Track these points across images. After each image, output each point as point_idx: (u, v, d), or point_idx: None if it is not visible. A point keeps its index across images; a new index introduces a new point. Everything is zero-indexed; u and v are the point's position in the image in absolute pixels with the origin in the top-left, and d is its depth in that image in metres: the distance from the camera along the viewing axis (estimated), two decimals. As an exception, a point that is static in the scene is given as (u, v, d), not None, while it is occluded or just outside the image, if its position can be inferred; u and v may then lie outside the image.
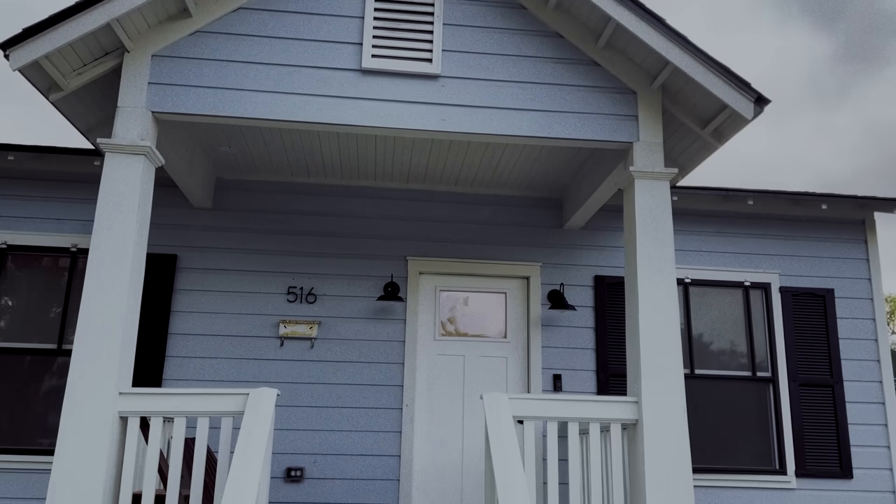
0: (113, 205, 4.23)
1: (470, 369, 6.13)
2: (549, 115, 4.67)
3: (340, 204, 6.33)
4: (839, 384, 6.39)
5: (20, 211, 6.03)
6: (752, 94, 4.36)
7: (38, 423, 5.75)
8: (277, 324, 6.01)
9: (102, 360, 3.99)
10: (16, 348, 5.85)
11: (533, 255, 6.39)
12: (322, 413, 5.90)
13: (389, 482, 5.81)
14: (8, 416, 5.71)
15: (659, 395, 4.24)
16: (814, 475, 6.19)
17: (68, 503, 3.78)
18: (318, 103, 4.54)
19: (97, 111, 4.85)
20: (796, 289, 6.57)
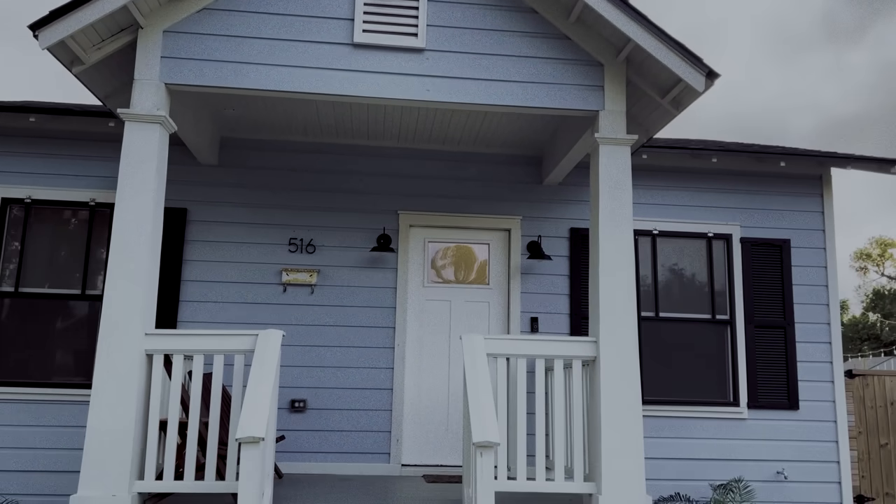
0: (134, 168, 4.77)
1: (455, 313, 6.77)
2: (524, 86, 5.17)
3: (337, 161, 6.85)
4: (791, 326, 7.04)
5: (42, 167, 6.55)
6: (703, 69, 4.86)
7: (66, 360, 6.40)
8: (280, 272, 6.61)
9: (130, 306, 4.59)
10: (43, 293, 6.46)
11: (514, 209, 6.95)
12: (322, 351, 6.56)
13: (383, 412, 6.51)
14: (39, 355, 6.36)
15: (614, 336, 4.87)
16: (764, 407, 6.90)
17: (106, 429, 4.43)
18: (315, 75, 5.03)
19: (113, 81, 5.32)
20: (755, 239, 7.16)
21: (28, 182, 6.52)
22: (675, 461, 6.67)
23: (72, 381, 6.31)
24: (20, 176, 6.52)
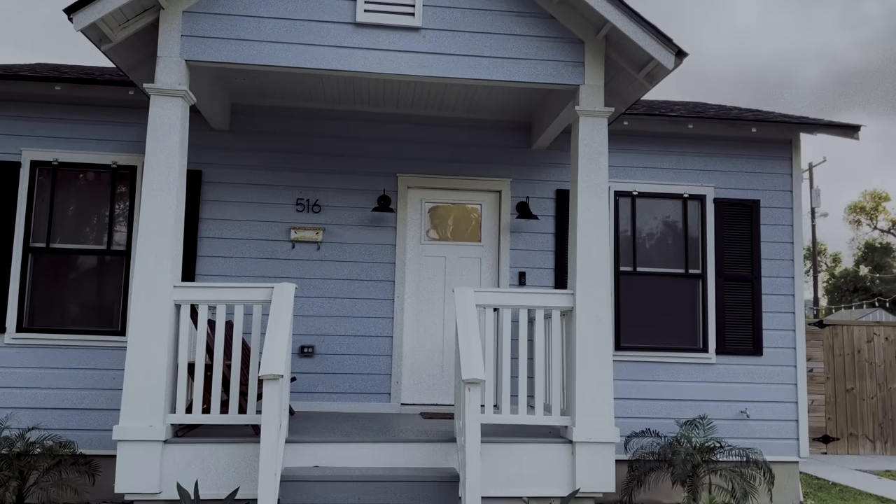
0: (160, 138, 5.30)
1: (450, 268, 7.38)
2: (513, 62, 5.67)
3: (340, 127, 7.37)
4: (758, 279, 7.67)
5: (67, 132, 7.06)
6: (673, 48, 5.36)
7: (92, 309, 7.02)
8: (288, 229, 7.19)
9: (160, 262, 5.19)
10: (72, 248, 7.04)
11: (505, 171, 7.50)
12: (328, 302, 7.19)
13: (384, 357, 7.18)
14: (68, 304, 6.99)
15: (589, 289, 5.48)
16: (731, 353, 7.57)
17: (142, 371, 5.07)
18: (320, 52, 5.53)
19: (136, 55, 5.81)
20: (728, 199, 7.73)
21: (55, 146, 7.04)
22: (648, 402, 7.37)
23: (98, 329, 6.95)
24: (48, 140, 7.04)
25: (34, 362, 6.78)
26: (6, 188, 6.93)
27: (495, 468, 5.21)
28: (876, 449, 11.04)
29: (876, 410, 11.10)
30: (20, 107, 7.03)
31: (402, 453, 5.30)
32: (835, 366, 11.11)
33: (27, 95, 7.00)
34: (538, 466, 5.30)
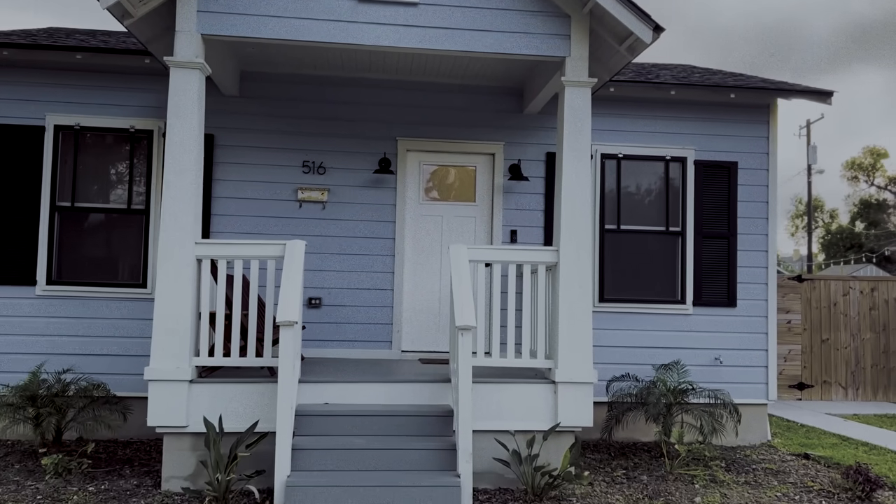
0: (180, 107, 5.79)
1: (446, 226, 7.92)
2: (504, 35, 6.11)
3: (344, 92, 7.82)
4: (734, 237, 8.22)
5: (88, 98, 7.53)
6: (650, 24, 5.81)
7: (114, 263, 7.59)
8: (296, 190, 7.71)
9: (182, 220, 5.73)
10: (94, 207, 7.58)
11: (498, 135, 7.98)
12: (333, 258, 7.75)
13: (385, 308, 7.77)
14: (92, 259, 7.54)
15: (572, 246, 6.03)
16: (707, 304, 8.17)
17: (169, 319, 5.65)
18: (325, 26, 5.97)
19: (154, 29, 6.24)
20: (708, 161, 8.23)
21: (76, 111, 7.52)
22: (629, 349, 7.99)
23: (121, 281, 7.54)
24: (69, 105, 7.51)
25: (63, 312, 7.38)
26: (32, 151, 7.43)
27: (485, 405, 5.84)
28: (848, 395, 11.74)
29: (849, 359, 11.77)
30: (43, 74, 7.48)
31: (403, 392, 5.93)
32: (812, 318, 11.74)
33: (50, 63, 7.44)
34: (524, 404, 5.93)
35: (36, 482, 5.72)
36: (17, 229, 7.37)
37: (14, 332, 7.30)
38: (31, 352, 7.24)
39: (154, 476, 5.97)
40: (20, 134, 7.41)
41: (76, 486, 5.62)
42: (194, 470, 5.65)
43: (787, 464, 7.13)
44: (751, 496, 5.93)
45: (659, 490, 5.99)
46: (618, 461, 6.99)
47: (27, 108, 7.46)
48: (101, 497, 5.41)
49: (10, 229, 7.36)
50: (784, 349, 11.57)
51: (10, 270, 7.33)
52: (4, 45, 7.18)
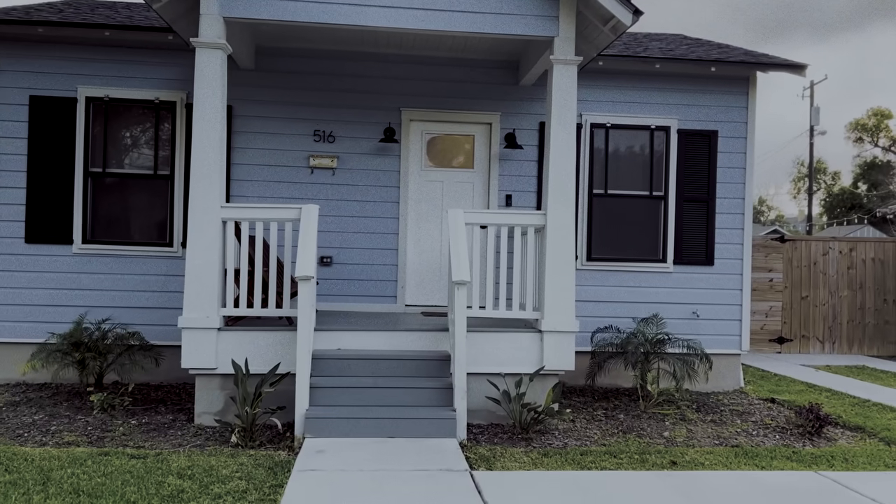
0: (205, 83, 6.43)
1: (446, 191, 8.60)
2: (498, 17, 6.70)
3: (352, 66, 8.42)
4: (713, 200, 8.87)
5: (116, 71, 8.16)
6: (630, 8, 6.39)
7: (142, 225, 8.30)
8: (307, 157, 8.38)
9: (209, 186, 6.41)
10: (124, 173, 8.27)
11: (495, 106, 8.60)
12: (342, 220, 8.44)
13: (390, 266, 8.50)
14: (122, 220, 8.27)
15: (558, 210, 6.71)
16: (687, 263, 8.87)
17: (199, 274, 6.38)
18: (337, 9, 6.55)
19: (178, 10, 6.82)
20: (690, 130, 8.84)
21: (105, 83, 8.16)
22: (613, 304, 8.72)
23: (149, 241, 8.26)
24: (99, 78, 8.14)
25: (97, 269, 8.13)
26: (66, 121, 8.09)
27: (479, 351, 6.59)
28: (825, 349, 12.50)
29: (827, 315, 12.50)
30: (74, 49, 8.10)
31: (406, 339, 6.68)
32: (793, 276, 12.44)
33: (80, 38, 8.06)
34: (513, 350, 6.68)
35: (85, 416, 6.54)
36: (54, 193, 8.07)
37: (55, 287, 8.06)
38: (71, 304, 8.01)
39: (186, 413, 6.78)
40: (55, 105, 8.07)
41: (120, 420, 6.43)
42: (223, 406, 6.44)
43: (754, 406, 7.91)
44: (713, 431, 6.71)
45: (633, 426, 6.78)
46: (599, 403, 7.77)
47: (60, 81, 8.10)
48: (143, 429, 6.22)
49: (48, 193, 8.06)
50: (765, 306, 12.32)
51: (50, 230, 8.06)
52: (39, 22, 7.79)
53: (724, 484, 5.02)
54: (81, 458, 5.19)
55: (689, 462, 5.60)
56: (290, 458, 5.30)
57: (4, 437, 5.82)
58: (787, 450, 6.05)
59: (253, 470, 5.01)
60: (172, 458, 5.28)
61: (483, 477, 4.94)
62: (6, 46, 8.04)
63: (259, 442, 5.81)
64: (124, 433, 6.05)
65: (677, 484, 4.95)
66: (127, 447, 5.61)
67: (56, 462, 5.06)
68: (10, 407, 6.85)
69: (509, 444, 5.97)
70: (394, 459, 5.24)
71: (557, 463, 5.44)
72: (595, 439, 6.29)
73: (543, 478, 5.03)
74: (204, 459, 5.26)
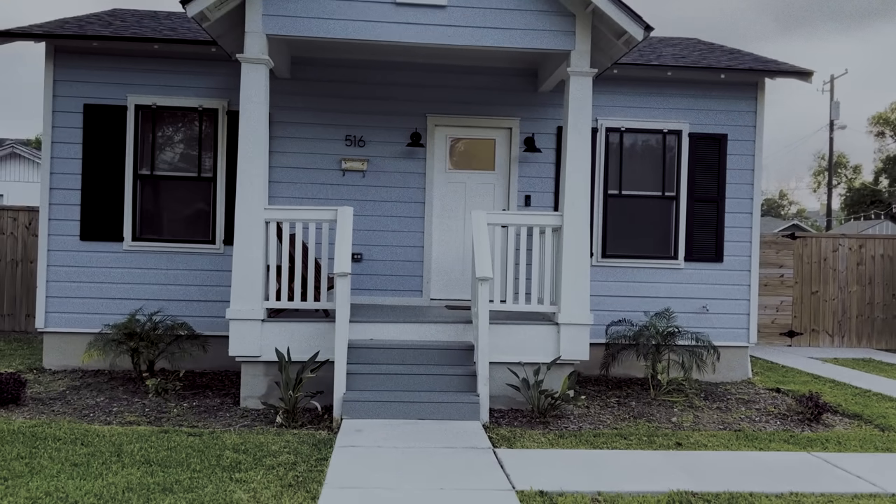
0: (250, 95, 7.02)
1: (469, 192, 9.15)
2: (519, 32, 7.22)
3: (380, 74, 8.98)
4: (722, 200, 9.34)
5: (162, 80, 8.79)
6: (642, 24, 6.89)
7: (187, 223, 8.94)
8: (339, 160, 8.96)
9: (254, 189, 7.01)
10: (170, 175, 8.91)
11: (515, 111, 9.12)
12: (371, 220, 9.02)
13: (416, 262, 9.07)
14: (169, 219, 8.91)
15: (574, 211, 7.24)
16: (697, 259, 9.35)
17: (245, 269, 6.98)
18: (369, 26, 7.11)
19: (224, 27, 7.43)
20: (700, 134, 9.31)
21: (153, 92, 8.79)
22: (627, 298, 9.22)
23: (194, 238, 8.90)
24: (147, 87, 8.78)
25: (148, 264, 8.78)
26: (117, 127, 8.74)
27: (500, 342, 7.14)
28: (834, 342, 12.91)
29: (836, 310, 12.91)
30: (125, 59, 8.74)
31: (433, 331, 7.26)
32: (803, 272, 12.85)
33: (131, 50, 8.69)
34: (532, 341, 7.23)
35: (141, 399, 7.19)
36: (106, 194, 8.73)
37: (108, 281, 8.73)
38: (122, 297, 8.68)
39: (232, 397, 7.40)
40: (107, 113, 8.72)
41: (173, 403, 7.07)
42: (266, 391, 7.06)
43: (759, 395, 8.40)
44: (719, 417, 7.22)
45: (643, 412, 7.31)
46: (613, 392, 8.30)
47: (112, 90, 8.74)
48: (195, 411, 6.85)
49: (101, 194, 8.72)
50: (776, 300, 12.75)
51: (103, 229, 8.73)
52: (94, 37, 8.43)
53: (722, 462, 5.54)
54: (146, 434, 5.82)
55: (694, 444, 6.12)
56: (331, 437, 5.90)
57: (74, 417, 6.48)
58: (786, 434, 6.55)
59: (299, 446, 5.62)
60: (225, 436, 5.90)
61: (504, 453, 5.51)
62: (62, 58, 8.70)
63: (301, 423, 6.42)
64: (178, 414, 6.68)
65: (680, 461, 5.48)
66: (182, 426, 6.24)
67: (125, 437, 5.70)
68: (74, 391, 7.52)
69: (528, 427, 6.53)
70: (423, 438, 5.82)
71: (572, 443, 5.99)
72: (608, 423, 6.82)
73: (558, 455, 5.59)
74: (254, 437, 5.87)
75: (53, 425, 6.03)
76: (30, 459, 5.07)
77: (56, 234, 8.71)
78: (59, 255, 8.72)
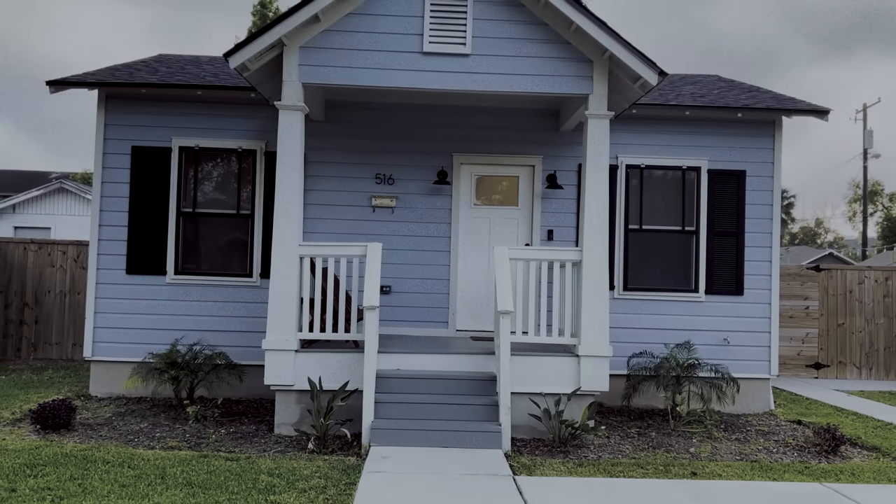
0: (287, 139, 7.50)
1: (493, 227, 9.51)
2: (538, 77, 7.62)
3: (409, 116, 9.44)
4: (742, 235, 9.56)
5: (204, 124, 9.36)
6: (656, 69, 7.24)
7: (227, 258, 9.44)
8: (370, 197, 9.40)
9: (290, 227, 7.46)
10: (210, 213, 9.43)
11: (537, 150, 9.50)
12: (400, 253, 9.41)
13: (442, 295, 9.42)
14: (211, 254, 9.42)
15: (593, 247, 7.54)
16: (718, 293, 9.55)
17: (280, 302, 7.41)
18: (397, 74, 7.57)
19: (263, 76, 7.94)
20: (720, 170, 9.57)
21: (196, 134, 9.36)
22: (649, 330, 9.44)
23: (233, 272, 9.38)
24: (190, 130, 9.35)
25: (188, 296, 9.27)
26: (162, 167, 9.31)
27: (522, 373, 7.43)
28: (861, 375, 12.90)
29: (863, 342, 12.91)
30: (170, 104, 9.34)
31: (458, 361, 7.58)
32: (828, 304, 12.91)
33: (176, 96, 9.29)
34: (552, 372, 7.51)
35: (182, 425, 7.60)
36: (151, 230, 9.27)
37: (151, 312, 9.23)
38: (164, 328, 9.16)
39: (266, 424, 7.78)
40: (153, 154, 9.30)
41: (212, 429, 7.47)
42: (299, 418, 7.43)
43: (780, 428, 8.53)
44: (737, 448, 7.39)
45: (662, 442, 7.51)
46: (634, 422, 8.50)
47: (158, 133, 9.33)
48: (232, 437, 7.24)
49: (146, 230, 9.27)
50: (802, 332, 12.82)
51: (147, 263, 9.26)
52: (143, 84, 9.06)
53: (734, 491, 5.74)
54: (187, 458, 6.22)
55: (709, 473, 6.32)
56: (359, 462, 6.24)
57: (120, 441, 6.91)
58: (801, 465, 6.71)
59: (329, 471, 5.96)
60: (260, 461, 6.26)
61: (523, 480, 5.78)
62: (113, 104, 9.32)
63: (331, 449, 6.77)
64: (216, 440, 7.08)
65: (693, 490, 5.70)
66: (220, 451, 6.62)
67: (168, 461, 6.10)
68: (119, 417, 7.98)
69: (548, 456, 6.79)
70: (447, 465, 6.12)
71: (590, 472, 6.24)
72: (626, 453, 7.04)
73: (575, 482, 5.84)
74: (287, 462, 6.23)
75: (102, 449, 6.46)
76: (82, 480, 5.49)
77: (104, 268, 9.27)
78: (107, 288, 9.25)
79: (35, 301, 12.54)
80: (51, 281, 12.58)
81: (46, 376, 10.64)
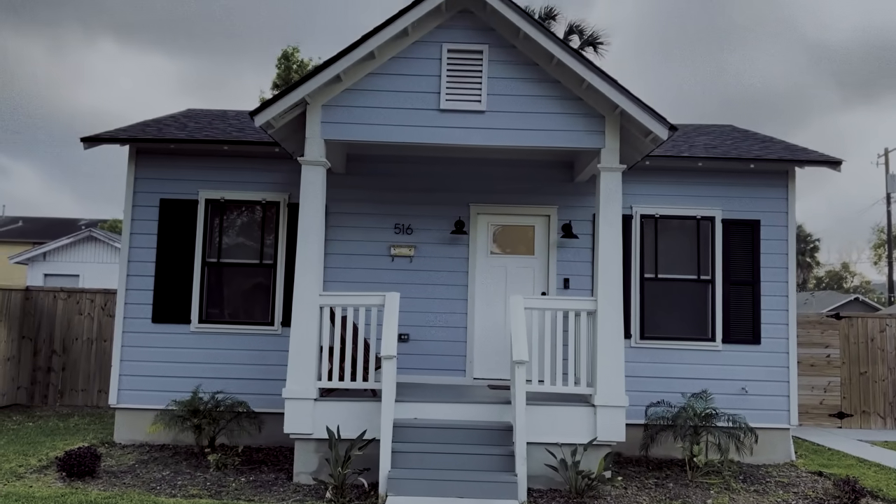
0: (309, 194, 7.77)
1: (510, 275, 9.66)
2: (552, 132, 7.86)
3: (427, 168, 9.71)
4: (757, 283, 9.61)
5: (230, 177, 9.69)
6: (667, 125, 7.44)
7: (250, 307, 9.66)
8: (389, 247, 9.62)
9: (310, 277, 7.67)
10: (234, 263, 9.69)
11: (552, 200, 9.69)
12: (418, 301, 9.58)
13: (460, 342, 9.54)
14: (234, 303, 9.65)
15: (608, 296, 7.66)
16: (734, 342, 9.57)
17: (301, 352, 7.58)
18: (415, 131, 7.85)
19: (287, 132, 8.27)
20: (734, 220, 9.68)
21: (222, 187, 9.69)
22: (665, 379, 9.45)
23: (255, 321, 9.59)
24: (216, 183, 9.69)
25: (211, 344, 9.48)
26: (188, 219, 9.63)
27: (538, 422, 7.49)
28: (886, 424, 12.70)
29: (887, 391, 12.75)
30: (198, 159, 9.70)
31: (473, 411, 7.66)
32: (850, 352, 12.80)
33: (202, 150, 9.66)
34: (568, 422, 7.55)
35: (203, 473, 7.73)
36: (177, 280, 9.55)
37: (175, 360, 9.44)
38: (187, 375, 9.34)
39: (285, 472, 7.88)
40: (180, 206, 9.63)
41: (232, 477, 7.59)
42: (317, 467, 7.53)
43: (800, 479, 8.44)
44: (754, 500, 7.35)
45: (679, 493, 7.49)
46: (652, 473, 8.47)
47: (185, 186, 9.68)
48: (251, 485, 7.35)
49: (172, 280, 9.55)
50: (824, 381, 12.69)
51: (173, 312, 9.51)
52: (172, 140, 9.43)
53: (751, 544, 5.71)
54: (207, 506, 6.34)
55: (726, 526, 6.29)
56: (376, 512, 6.31)
57: (143, 489, 7.05)
58: (820, 518, 6.65)
59: (346, 520, 6.04)
60: (279, 509, 6.36)
61: (538, 531, 5.81)
62: (143, 158, 9.71)
63: (349, 498, 6.85)
64: (237, 488, 7.19)
65: (709, 543, 5.68)
66: (240, 500, 6.73)
67: (189, 509, 6.22)
68: (142, 464, 8.13)
69: (564, 506, 6.80)
70: (463, 515, 6.17)
71: (605, 523, 6.25)
72: (643, 504, 7.04)
73: (591, 534, 5.85)
74: (305, 511, 6.32)
75: (125, 497, 6.60)
76: (106, 527, 5.62)
77: (130, 317, 9.53)
78: (133, 337, 9.50)
79: (63, 348, 12.84)
80: (78, 328, 12.88)
81: (72, 423, 10.84)
